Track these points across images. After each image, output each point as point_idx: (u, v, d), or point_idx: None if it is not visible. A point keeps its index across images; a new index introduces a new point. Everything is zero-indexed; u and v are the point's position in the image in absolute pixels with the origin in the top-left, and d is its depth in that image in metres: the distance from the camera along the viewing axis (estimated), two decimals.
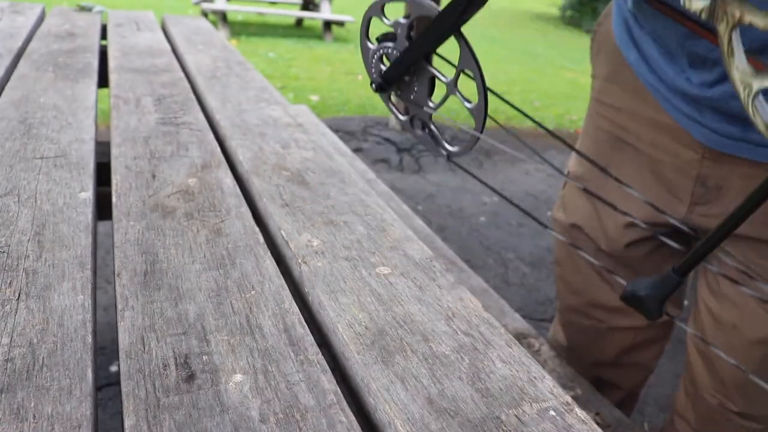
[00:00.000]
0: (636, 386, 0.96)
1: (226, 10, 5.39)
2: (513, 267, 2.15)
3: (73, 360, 0.40)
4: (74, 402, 0.37)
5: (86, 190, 0.63)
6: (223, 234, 0.58)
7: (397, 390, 0.40)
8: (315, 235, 0.59)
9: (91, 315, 0.45)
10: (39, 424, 0.35)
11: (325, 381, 0.41)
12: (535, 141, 3.63)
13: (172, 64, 1.17)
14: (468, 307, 0.50)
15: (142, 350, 0.42)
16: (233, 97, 1.00)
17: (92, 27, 1.43)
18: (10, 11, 1.47)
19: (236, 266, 0.53)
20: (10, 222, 0.55)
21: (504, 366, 0.44)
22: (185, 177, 0.69)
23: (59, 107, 0.85)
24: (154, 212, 0.60)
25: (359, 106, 3.96)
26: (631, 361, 0.91)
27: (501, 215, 2.54)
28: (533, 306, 1.92)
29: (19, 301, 0.45)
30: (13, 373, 0.39)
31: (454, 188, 2.75)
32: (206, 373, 0.41)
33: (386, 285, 0.52)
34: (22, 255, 0.51)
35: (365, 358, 0.43)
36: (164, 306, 0.47)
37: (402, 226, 0.63)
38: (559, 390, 0.42)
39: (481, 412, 0.39)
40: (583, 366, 0.93)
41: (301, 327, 0.46)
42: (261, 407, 0.38)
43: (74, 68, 1.06)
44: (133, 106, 0.90)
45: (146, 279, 0.50)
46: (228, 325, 0.45)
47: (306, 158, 0.78)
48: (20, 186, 0.62)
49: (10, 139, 0.73)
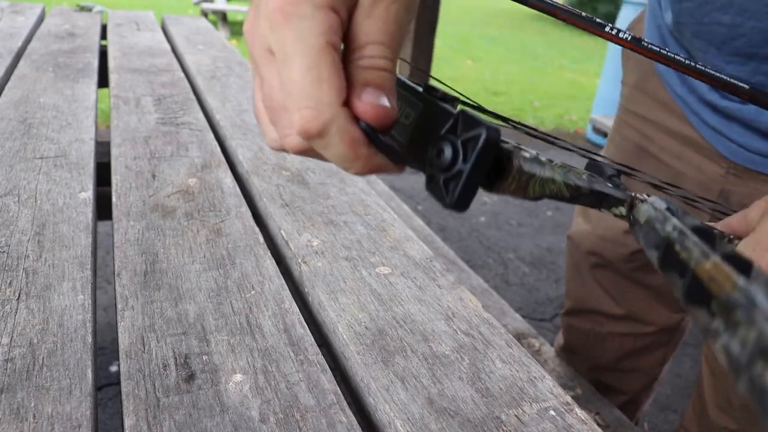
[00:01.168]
0: (638, 392, 0.96)
1: (226, 10, 5.39)
2: (513, 267, 2.14)
3: (73, 360, 0.40)
4: (74, 402, 0.37)
5: (86, 190, 0.63)
6: (223, 234, 0.58)
7: (397, 390, 0.40)
8: (315, 235, 0.59)
9: (91, 315, 0.45)
10: (39, 424, 0.35)
11: (325, 381, 0.41)
12: (535, 141, 3.63)
13: (172, 64, 1.17)
14: (468, 307, 0.50)
15: (142, 350, 0.42)
16: (233, 97, 1.00)
17: (92, 27, 1.43)
18: (10, 11, 1.47)
19: (236, 266, 0.53)
20: (10, 222, 0.55)
21: (504, 366, 0.44)
22: (185, 177, 0.69)
23: (59, 107, 0.85)
24: (154, 212, 0.60)
25: None
26: (632, 367, 0.91)
27: (501, 215, 2.54)
28: (533, 306, 1.92)
29: (19, 301, 0.45)
30: (13, 373, 0.39)
31: None
32: (206, 373, 0.41)
33: (386, 285, 0.52)
34: (22, 255, 0.51)
35: (365, 358, 0.43)
36: (164, 306, 0.47)
37: (402, 226, 0.63)
38: (559, 390, 0.42)
39: (481, 412, 0.39)
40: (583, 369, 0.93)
41: (301, 327, 0.46)
42: (261, 407, 0.38)
43: (74, 68, 1.06)
44: (133, 106, 0.90)
45: (146, 279, 0.50)
46: (228, 325, 0.45)
47: (306, 158, 0.78)
48: (20, 186, 0.62)
49: (10, 139, 0.73)
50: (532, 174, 0.28)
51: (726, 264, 0.18)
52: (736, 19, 0.52)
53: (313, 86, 0.23)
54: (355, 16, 0.25)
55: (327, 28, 0.23)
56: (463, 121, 0.25)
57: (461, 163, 0.25)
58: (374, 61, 0.25)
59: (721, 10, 0.53)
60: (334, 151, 0.25)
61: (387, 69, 0.25)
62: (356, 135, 0.24)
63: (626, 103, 0.76)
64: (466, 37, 7.44)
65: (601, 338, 0.89)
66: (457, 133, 0.25)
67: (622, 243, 0.80)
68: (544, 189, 0.29)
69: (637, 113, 0.73)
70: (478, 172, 0.25)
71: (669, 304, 0.83)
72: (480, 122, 0.25)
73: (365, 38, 0.25)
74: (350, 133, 0.24)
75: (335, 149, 0.25)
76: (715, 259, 0.19)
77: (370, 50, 0.25)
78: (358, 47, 0.25)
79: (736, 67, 0.56)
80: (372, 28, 0.24)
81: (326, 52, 0.23)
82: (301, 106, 0.23)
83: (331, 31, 0.24)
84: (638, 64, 0.72)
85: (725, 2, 0.52)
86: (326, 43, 0.23)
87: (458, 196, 0.25)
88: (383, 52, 0.25)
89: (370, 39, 0.25)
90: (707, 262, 0.19)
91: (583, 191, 0.31)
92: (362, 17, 0.24)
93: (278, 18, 0.23)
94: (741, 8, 0.51)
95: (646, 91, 0.71)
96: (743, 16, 0.51)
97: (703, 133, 0.64)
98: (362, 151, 0.25)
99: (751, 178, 0.62)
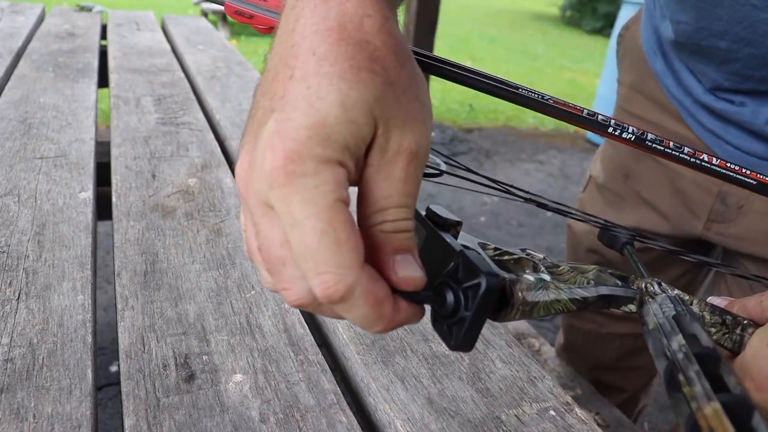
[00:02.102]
0: (638, 389, 0.96)
1: None
2: None
3: (73, 360, 0.40)
4: (74, 402, 0.37)
5: (86, 190, 0.63)
6: (223, 234, 0.58)
7: (397, 390, 0.40)
8: None
9: (91, 315, 0.45)
10: (39, 424, 0.35)
11: (325, 381, 0.41)
12: (535, 141, 3.63)
13: (172, 64, 1.17)
14: None
15: (142, 350, 0.42)
16: (233, 97, 1.00)
17: (92, 27, 1.43)
18: (10, 11, 1.47)
19: (236, 266, 0.53)
20: (10, 222, 0.55)
21: (504, 366, 0.44)
22: (185, 177, 0.69)
23: (59, 107, 0.85)
24: (154, 212, 0.60)
25: None
26: (632, 365, 0.91)
27: (501, 215, 2.54)
28: None
29: (19, 301, 0.45)
30: (13, 373, 0.39)
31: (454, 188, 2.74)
32: (206, 373, 0.41)
33: None
34: (22, 255, 0.51)
35: (365, 358, 0.43)
36: (164, 306, 0.47)
37: None
38: (559, 390, 0.42)
39: (481, 412, 0.39)
40: (584, 369, 0.93)
41: (301, 327, 0.46)
42: (261, 407, 0.38)
43: (74, 68, 1.06)
44: (133, 106, 0.90)
45: (146, 279, 0.50)
46: (228, 325, 0.45)
47: None
48: (20, 186, 0.62)
49: (10, 139, 0.73)
50: (536, 302, 0.28)
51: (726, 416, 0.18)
52: (733, 46, 0.53)
53: (331, 251, 0.22)
54: (368, 172, 0.23)
55: (335, 185, 0.22)
56: (463, 267, 0.25)
57: (463, 310, 0.25)
58: (398, 224, 0.24)
59: (717, 36, 0.53)
60: (357, 313, 0.23)
61: (411, 229, 0.24)
62: (380, 294, 0.23)
63: (623, 103, 0.76)
64: (466, 37, 7.44)
65: (601, 338, 0.89)
66: (458, 278, 0.25)
67: None
68: (549, 310, 0.29)
69: (633, 113, 0.73)
70: (480, 317, 0.25)
71: None
72: (479, 270, 0.25)
73: (386, 202, 0.24)
74: (374, 293, 0.23)
75: (358, 311, 0.23)
76: (716, 406, 0.19)
77: (393, 214, 0.24)
78: (378, 210, 0.24)
79: (734, 84, 0.56)
80: (391, 191, 0.23)
81: (338, 211, 0.22)
82: (320, 271, 0.22)
83: (340, 187, 0.22)
84: (634, 64, 0.72)
85: (720, 30, 0.52)
86: (336, 201, 0.22)
87: (462, 340, 0.25)
88: (407, 215, 0.24)
89: (392, 203, 0.24)
90: (708, 407, 0.19)
91: (590, 301, 0.31)
92: (378, 177, 0.23)
93: (280, 178, 0.21)
94: (737, 36, 0.52)
95: (643, 91, 0.71)
96: (739, 43, 0.52)
97: (700, 135, 0.64)
98: (386, 309, 0.24)
99: None
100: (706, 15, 0.53)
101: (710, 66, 0.57)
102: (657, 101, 0.68)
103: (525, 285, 0.28)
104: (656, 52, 0.66)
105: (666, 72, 0.65)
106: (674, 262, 0.79)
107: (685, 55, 0.61)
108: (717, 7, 0.51)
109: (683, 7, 0.55)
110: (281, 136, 0.22)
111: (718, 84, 0.58)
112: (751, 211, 0.63)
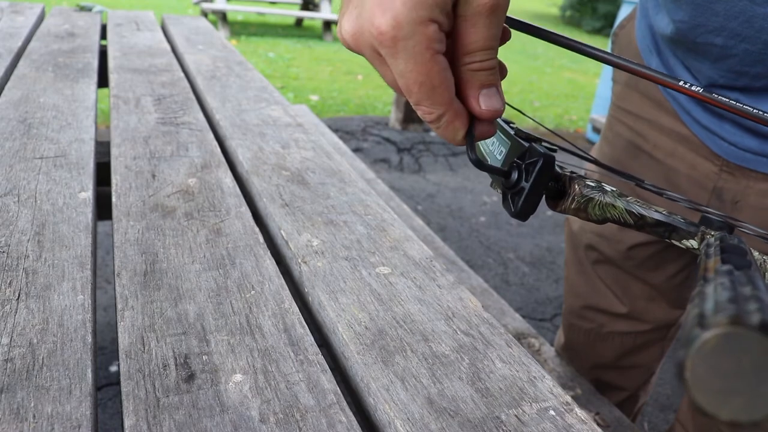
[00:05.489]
0: (638, 388, 0.96)
1: (226, 10, 5.39)
2: (513, 267, 2.15)
3: (73, 360, 0.40)
4: (74, 402, 0.37)
5: (86, 190, 0.63)
6: (223, 234, 0.58)
7: (397, 390, 0.40)
8: (315, 235, 0.59)
9: (91, 315, 0.45)
10: (39, 424, 0.35)
11: (325, 381, 0.41)
12: None
13: (172, 64, 1.17)
14: (468, 307, 0.50)
15: (142, 350, 0.42)
16: (233, 97, 1.00)
17: (92, 27, 1.43)
18: (10, 11, 1.47)
19: (236, 266, 0.53)
20: (10, 222, 0.55)
21: (504, 366, 0.44)
22: (185, 177, 0.69)
23: (59, 107, 0.85)
24: (154, 212, 0.60)
25: (359, 106, 3.96)
26: (632, 364, 0.91)
27: (501, 215, 2.54)
28: (533, 306, 1.92)
29: (19, 301, 0.45)
30: (13, 373, 0.39)
31: (454, 188, 2.75)
32: (206, 373, 0.41)
33: (386, 285, 0.52)
34: (22, 255, 0.51)
35: (365, 358, 0.43)
36: (164, 306, 0.47)
37: (402, 226, 0.63)
38: (559, 390, 0.42)
39: (481, 412, 0.39)
40: (584, 368, 0.93)
41: (301, 327, 0.46)
42: (261, 407, 0.38)
43: (74, 68, 1.06)
44: (132, 106, 0.90)
45: (146, 279, 0.50)
46: (228, 325, 0.45)
47: (306, 158, 0.78)
48: (20, 186, 0.62)
49: (10, 139, 0.73)
50: (591, 197, 0.33)
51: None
52: (729, 42, 0.53)
53: (427, 94, 0.29)
54: (458, 22, 0.29)
55: (429, 41, 0.28)
56: (529, 154, 0.32)
57: (524, 182, 0.32)
58: (484, 63, 0.30)
59: (714, 33, 0.53)
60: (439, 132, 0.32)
61: (495, 67, 0.31)
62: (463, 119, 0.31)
63: (618, 101, 0.76)
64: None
65: (601, 338, 0.89)
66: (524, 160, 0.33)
67: (618, 239, 0.80)
68: (605, 212, 0.33)
69: (629, 111, 0.73)
70: (537, 188, 0.32)
71: (669, 300, 0.83)
72: (539, 152, 0.32)
73: (474, 45, 0.30)
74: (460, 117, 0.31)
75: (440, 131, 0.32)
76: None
77: (480, 56, 0.30)
78: (467, 52, 0.30)
79: (729, 81, 0.56)
80: (477, 36, 0.29)
81: (434, 63, 0.28)
82: (419, 104, 0.30)
83: (434, 42, 0.28)
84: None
85: (717, 26, 0.53)
86: (432, 55, 0.28)
87: (521, 207, 0.32)
88: (491, 55, 0.30)
89: (478, 46, 0.30)
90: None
91: (648, 221, 0.34)
92: (467, 25, 0.29)
93: (386, 41, 0.28)
94: (733, 32, 0.52)
95: (638, 88, 0.71)
96: (735, 39, 0.52)
97: (696, 132, 0.64)
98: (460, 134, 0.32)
99: (744, 176, 0.62)
100: (702, 11, 0.53)
101: (705, 63, 0.57)
102: (652, 98, 0.69)
103: (583, 182, 0.33)
104: (651, 49, 0.66)
105: (661, 69, 0.65)
106: (672, 259, 0.79)
107: (680, 52, 0.61)
108: (714, 2, 0.52)
109: (679, 4, 0.56)
110: (381, 6, 0.28)
111: (713, 81, 0.58)
112: (747, 206, 0.63)
